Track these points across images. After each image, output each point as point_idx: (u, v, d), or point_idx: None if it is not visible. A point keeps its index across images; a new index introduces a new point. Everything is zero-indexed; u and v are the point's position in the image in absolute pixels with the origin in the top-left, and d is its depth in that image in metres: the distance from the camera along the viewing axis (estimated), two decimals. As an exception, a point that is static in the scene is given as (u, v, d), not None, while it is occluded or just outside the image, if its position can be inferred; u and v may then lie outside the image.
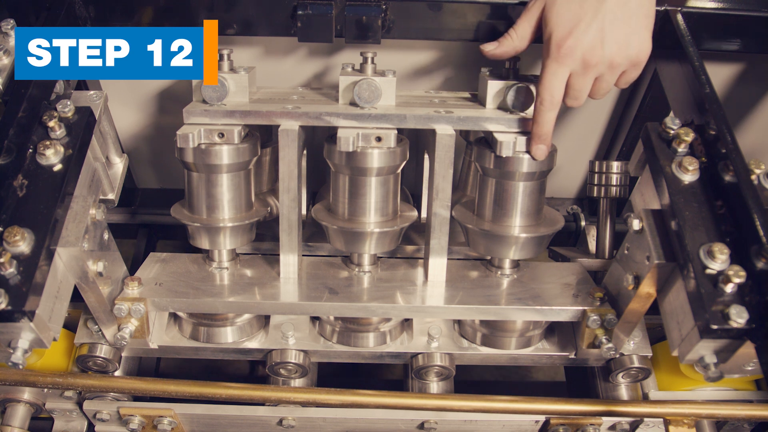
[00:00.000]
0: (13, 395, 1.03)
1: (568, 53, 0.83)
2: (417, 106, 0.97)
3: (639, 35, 0.85)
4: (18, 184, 0.78)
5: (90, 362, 0.99)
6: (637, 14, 0.84)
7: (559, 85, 0.86)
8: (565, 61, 0.84)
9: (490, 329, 1.03)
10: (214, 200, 0.98)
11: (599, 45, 0.83)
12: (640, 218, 0.84)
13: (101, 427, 1.06)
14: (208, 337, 1.03)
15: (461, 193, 1.25)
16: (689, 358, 0.77)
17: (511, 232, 0.98)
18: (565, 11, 0.83)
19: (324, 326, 1.05)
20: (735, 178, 0.79)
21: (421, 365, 1.03)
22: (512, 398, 0.88)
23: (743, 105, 1.26)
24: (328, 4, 1.00)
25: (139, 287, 0.96)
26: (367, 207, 0.97)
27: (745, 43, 1.07)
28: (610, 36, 0.83)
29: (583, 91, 0.87)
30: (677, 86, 0.97)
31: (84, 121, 0.86)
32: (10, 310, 0.71)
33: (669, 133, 0.87)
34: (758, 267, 0.72)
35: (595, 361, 1.04)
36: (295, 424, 1.03)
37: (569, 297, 0.98)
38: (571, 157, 1.39)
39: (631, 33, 0.84)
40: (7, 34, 0.88)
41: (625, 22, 0.83)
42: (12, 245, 0.73)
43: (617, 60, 0.84)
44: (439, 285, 1.01)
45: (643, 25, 0.85)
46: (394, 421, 1.03)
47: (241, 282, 1.01)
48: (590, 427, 1.03)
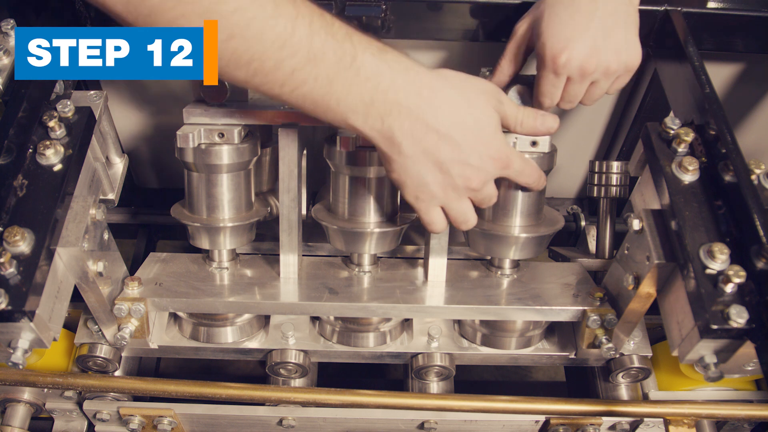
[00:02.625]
0: (13, 395, 1.03)
1: (565, 65, 0.83)
2: (417, 106, 0.97)
3: (630, 41, 0.86)
4: (18, 184, 0.78)
5: (90, 362, 0.99)
6: (626, 21, 0.85)
7: (557, 93, 0.87)
8: (562, 72, 0.84)
9: (490, 329, 1.03)
10: (214, 200, 0.98)
11: (595, 54, 0.83)
12: (640, 218, 0.84)
13: (101, 427, 1.06)
14: (208, 337, 1.03)
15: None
16: (689, 358, 0.77)
17: (512, 232, 0.98)
18: (557, 24, 0.83)
19: (324, 326, 1.05)
20: (735, 178, 0.79)
21: (421, 365, 1.03)
22: (512, 398, 0.88)
23: (743, 105, 1.26)
24: (328, 4, 1.00)
25: (139, 287, 0.96)
26: (367, 207, 0.97)
27: (745, 43, 1.07)
28: (604, 44, 0.83)
29: (578, 96, 0.88)
30: (677, 86, 0.97)
31: (84, 121, 0.86)
32: (10, 310, 0.71)
33: (669, 133, 0.87)
34: (758, 267, 0.72)
35: (595, 361, 1.04)
36: (295, 424, 1.03)
37: (569, 297, 0.98)
38: (571, 157, 1.39)
39: (623, 40, 0.85)
40: (7, 34, 0.89)
41: (617, 29, 0.84)
42: (12, 245, 0.73)
43: (613, 67, 0.85)
44: (439, 285, 1.01)
45: (633, 31, 0.86)
46: (394, 421, 1.03)
47: (241, 282, 1.01)
48: (590, 427, 1.03)
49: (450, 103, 0.75)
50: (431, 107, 0.74)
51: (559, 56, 0.82)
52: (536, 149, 0.93)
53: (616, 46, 0.84)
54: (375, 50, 0.72)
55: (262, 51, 0.67)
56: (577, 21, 0.82)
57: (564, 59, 0.82)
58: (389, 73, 0.72)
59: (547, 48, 0.83)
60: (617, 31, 0.84)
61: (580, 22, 0.82)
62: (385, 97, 0.72)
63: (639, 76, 1.20)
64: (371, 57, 0.71)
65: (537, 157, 0.94)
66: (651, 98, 1.16)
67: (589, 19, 0.82)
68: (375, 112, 0.73)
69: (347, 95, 0.72)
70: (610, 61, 0.84)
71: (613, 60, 0.84)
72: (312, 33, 0.68)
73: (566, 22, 0.82)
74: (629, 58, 0.86)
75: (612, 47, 0.84)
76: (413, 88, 0.73)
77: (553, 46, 0.83)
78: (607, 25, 0.83)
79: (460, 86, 0.77)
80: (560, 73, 0.84)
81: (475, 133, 0.77)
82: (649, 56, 1.12)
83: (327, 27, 0.70)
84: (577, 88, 0.86)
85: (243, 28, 0.66)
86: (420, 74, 0.74)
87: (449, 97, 0.75)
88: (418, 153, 0.76)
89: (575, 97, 0.88)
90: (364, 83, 0.71)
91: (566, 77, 0.85)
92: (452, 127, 0.75)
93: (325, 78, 0.70)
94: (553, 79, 0.85)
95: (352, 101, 0.72)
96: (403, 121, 0.74)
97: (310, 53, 0.68)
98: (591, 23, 0.82)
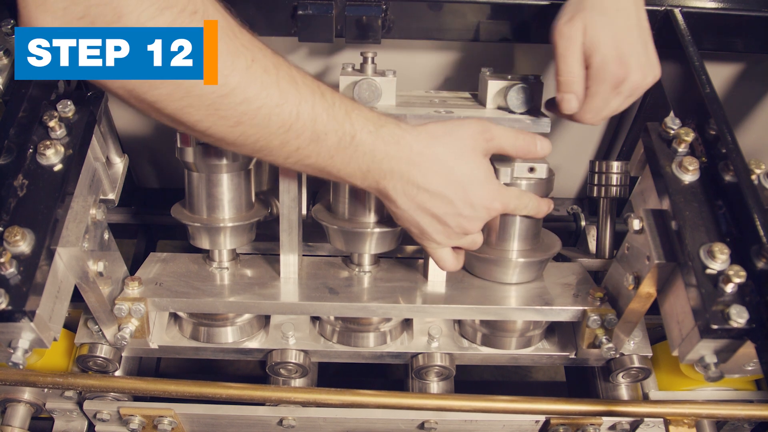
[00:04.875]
0: (14, 395, 1.03)
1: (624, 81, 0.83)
2: (417, 106, 0.97)
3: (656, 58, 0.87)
4: (18, 184, 0.78)
5: (90, 362, 0.99)
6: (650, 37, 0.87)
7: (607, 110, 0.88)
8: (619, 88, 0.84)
9: (491, 329, 1.03)
10: (214, 200, 0.98)
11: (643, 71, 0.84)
12: (640, 218, 0.84)
13: (101, 427, 1.05)
14: (208, 337, 1.03)
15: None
16: (689, 358, 0.77)
17: (510, 257, 0.98)
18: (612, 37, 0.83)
19: (324, 326, 1.05)
20: (735, 178, 0.79)
21: (421, 365, 1.03)
22: (512, 398, 0.88)
23: (743, 105, 1.26)
24: (328, 4, 1.00)
25: (139, 287, 0.96)
26: (367, 207, 0.97)
27: (745, 43, 1.07)
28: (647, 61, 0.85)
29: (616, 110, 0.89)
30: (677, 86, 0.97)
31: (84, 121, 0.86)
32: (11, 310, 0.71)
33: (669, 133, 0.87)
34: (758, 267, 0.72)
35: (595, 361, 1.04)
36: (295, 424, 1.03)
37: (569, 297, 0.98)
38: (571, 157, 1.39)
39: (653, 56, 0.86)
40: (7, 34, 0.89)
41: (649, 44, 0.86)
42: (12, 245, 0.73)
43: (649, 82, 0.87)
44: (439, 285, 1.01)
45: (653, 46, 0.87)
46: (394, 421, 1.03)
47: (242, 282, 1.01)
48: (590, 427, 1.03)
49: (439, 163, 0.80)
50: (420, 171, 0.80)
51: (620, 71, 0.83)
52: (534, 175, 0.93)
53: (652, 61, 0.86)
54: (372, 127, 0.77)
55: (269, 134, 0.72)
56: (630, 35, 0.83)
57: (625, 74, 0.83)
58: (383, 147, 0.78)
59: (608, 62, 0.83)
60: (649, 45, 0.86)
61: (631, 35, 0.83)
62: (379, 167, 0.79)
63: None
64: (368, 135, 0.77)
65: (535, 183, 0.94)
66: (651, 98, 1.16)
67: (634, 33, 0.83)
68: (371, 177, 0.80)
69: (347, 166, 0.78)
70: (649, 76, 0.86)
71: (651, 76, 0.86)
72: (315, 116, 0.73)
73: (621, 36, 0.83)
74: (658, 73, 0.88)
75: (650, 62, 0.85)
76: (404, 155, 0.79)
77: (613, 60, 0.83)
78: (644, 39, 0.85)
79: (448, 143, 0.81)
80: (620, 88, 0.84)
81: (465, 187, 0.82)
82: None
83: (328, 109, 0.74)
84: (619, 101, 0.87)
85: (251, 117, 0.70)
86: (410, 143, 0.79)
87: (438, 158, 0.80)
88: (413, 207, 0.83)
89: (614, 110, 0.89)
90: (362, 157, 0.78)
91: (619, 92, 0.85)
92: (442, 186, 0.81)
93: (327, 154, 0.76)
94: (611, 95, 0.85)
95: (351, 170, 0.79)
96: (396, 183, 0.80)
97: (313, 134, 0.74)
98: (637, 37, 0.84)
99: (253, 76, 0.68)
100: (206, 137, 0.74)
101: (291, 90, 0.71)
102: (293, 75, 0.72)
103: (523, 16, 1.03)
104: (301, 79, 0.73)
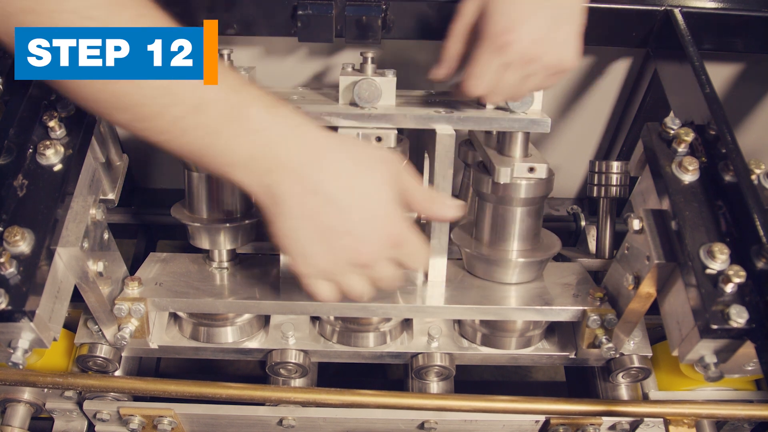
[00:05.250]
0: (13, 395, 1.03)
1: (510, 44, 0.79)
2: (417, 106, 0.97)
3: (573, 40, 0.83)
4: (18, 184, 0.78)
5: (90, 362, 0.99)
6: (572, 19, 0.83)
7: (490, 77, 0.82)
8: (505, 52, 0.80)
9: (490, 329, 1.03)
10: (214, 200, 0.98)
11: (539, 43, 0.80)
12: (640, 218, 0.84)
13: (101, 427, 1.05)
14: (208, 337, 1.03)
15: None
16: (689, 358, 0.77)
17: (509, 257, 0.98)
18: (508, 4, 0.80)
19: (324, 326, 1.05)
20: (735, 178, 0.79)
21: (421, 365, 1.03)
22: (512, 398, 0.88)
23: (743, 105, 1.26)
24: (328, 4, 1.00)
25: (139, 287, 0.96)
26: (367, 207, 0.97)
27: (746, 43, 1.07)
28: (549, 36, 0.81)
29: (511, 87, 0.84)
30: (677, 86, 0.97)
31: (84, 121, 0.86)
32: (11, 310, 0.71)
33: (669, 133, 0.87)
34: (758, 267, 0.72)
35: (595, 361, 1.04)
36: (295, 424, 1.03)
37: (569, 297, 0.98)
38: (571, 157, 1.39)
39: (567, 36, 0.82)
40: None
41: (564, 24, 0.82)
42: (12, 245, 0.73)
43: (553, 61, 0.82)
44: (439, 285, 1.01)
45: (576, 31, 0.84)
46: (394, 421, 1.03)
47: (242, 282, 1.01)
48: (590, 427, 1.03)
49: (340, 166, 0.68)
50: (318, 167, 0.67)
51: (505, 34, 0.79)
52: (534, 175, 0.93)
53: (563, 41, 0.82)
54: (265, 104, 0.67)
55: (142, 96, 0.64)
56: (530, 5, 0.80)
57: (510, 38, 0.79)
58: (276, 127, 0.67)
59: (494, 24, 0.80)
60: (563, 26, 0.82)
61: (532, 7, 0.80)
62: (271, 152, 0.66)
63: (639, 76, 1.20)
64: (259, 110, 0.66)
65: (535, 183, 0.94)
66: (651, 98, 1.16)
67: (540, 6, 0.80)
68: (258, 166, 0.67)
69: (232, 147, 0.66)
70: (552, 54, 0.82)
71: (554, 54, 0.82)
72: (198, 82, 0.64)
73: (518, 3, 0.80)
74: (569, 57, 0.83)
75: (556, 41, 0.81)
76: (301, 142, 0.67)
77: (501, 24, 0.79)
78: (556, 17, 0.81)
79: (355, 153, 0.70)
80: (501, 55, 0.80)
81: (364, 202, 0.69)
82: (649, 56, 1.12)
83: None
84: (513, 76, 0.83)
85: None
86: (312, 132, 0.68)
87: (340, 160, 0.69)
88: (301, 215, 0.68)
89: (509, 87, 0.84)
90: (252, 135, 0.66)
91: (505, 62, 0.81)
92: (339, 191, 0.68)
93: (212, 128, 0.65)
94: (492, 58, 0.81)
95: (234, 156, 0.66)
96: (285, 178, 0.67)
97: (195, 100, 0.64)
98: (541, 11, 0.80)
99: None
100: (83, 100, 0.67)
101: None
102: None
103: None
104: None
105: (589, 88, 1.25)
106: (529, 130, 0.94)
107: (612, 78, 1.23)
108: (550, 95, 1.25)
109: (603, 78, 1.23)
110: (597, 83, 1.24)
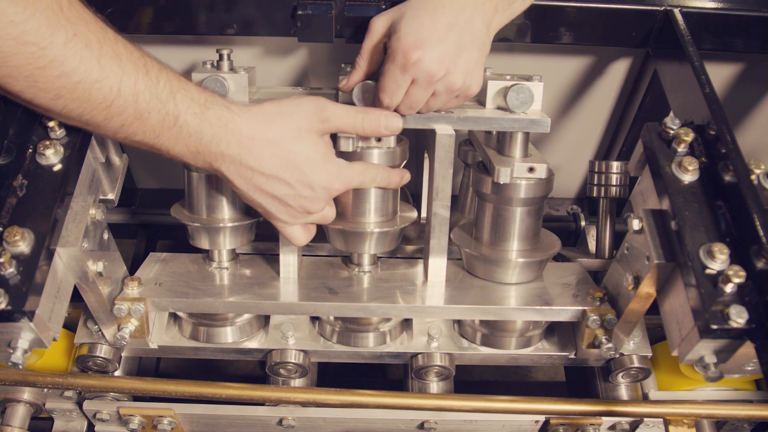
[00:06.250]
0: (13, 395, 1.03)
1: (415, 63, 0.81)
2: (417, 106, 0.97)
3: (478, 68, 0.86)
4: (18, 184, 0.78)
5: (90, 362, 0.99)
6: (480, 47, 0.85)
7: (398, 92, 0.85)
8: (409, 70, 0.82)
9: (490, 329, 1.03)
10: (214, 200, 0.98)
11: (444, 64, 0.82)
12: (640, 218, 0.84)
13: (101, 427, 1.05)
14: (208, 337, 1.03)
15: (459, 214, 1.26)
16: (689, 358, 0.77)
17: (509, 257, 0.98)
18: (417, 24, 0.82)
19: (324, 326, 1.05)
20: (735, 178, 0.79)
21: (421, 365, 1.03)
22: (512, 398, 0.88)
23: (743, 105, 1.26)
24: (328, 4, 1.00)
25: (139, 287, 0.96)
26: (366, 207, 0.97)
27: (745, 43, 1.07)
28: (455, 59, 0.83)
29: (419, 103, 0.87)
30: (677, 86, 0.97)
31: (84, 121, 0.86)
32: (10, 310, 0.71)
33: (669, 133, 0.87)
34: (758, 267, 0.72)
35: (595, 361, 1.04)
36: (295, 424, 1.03)
37: (569, 297, 0.98)
38: (571, 157, 1.39)
39: (473, 63, 0.84)
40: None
41: (471, 50, 0.84)
42: (12, 245, 0.73)
43: (457, 84, 0.84)
44: (439, 285, 1.01)
45: (482, 60, 0.86)
46: (394, 421, 1.03)
47: (241, 282, 1.01)
48: (590, 427, 1.03)
49: (272, 145, 0.80)
50: (253, 155, 0.80)
51: (411, 53, 0.81)
52: (533, 175, 0.93)
53: (466, 65, 0.84)
54: (197, 109, 0.77)
55: (91, 109, 0.73)
56: (437, 28, 0.81)
57: (415, 57, 0.81)
58: (210, 129, 0.78)
59: (401, 42, 0.82)
60: (470, 52, 0.84)
61: (440, 30, 0.81)
62: (209, 149, 0.79)
63: (639, 76, 1.20)
64: (192, 117, 0.76)
65: (534, 182, 0.94)
66: (651, 98, 1.16)
67: (449, 30, 0.82)
68: (202, 158, 0.80)
69: (175, 146, 0.79)
70: (456, 77, 0.84)
71: (459, 78, 0.84)
72: (137, 94, 0.73)
73: (426, 25, 0.81)
74: (473, 83, 0.86)
75: (462, 65, 0.83)
76: (233, 139, 0.79)
77: (407, 42, 0.81)
78: (463, 43, 0.83)
79: (282, 123, 0.81)
80: (408, 71, 0.82)
81: (302, 168, 0.82)
82: (648, 56, 1.12)
83: (151, 87, 0.74)
84: (419, 93, 0.85)
85: (70, 91, 0.70)
86: (240, 127, 0.79)
87: (271, 140, 0.80)
88: (252, 189, 0.83)
89: (416, 102, 0.87)
90: (188, 138, 0.78)
91: (411, 78, 0.83)
92: (278, 169, 0.81)
93: (152, 132, 0.76)
94: (398, 75, 0.83)
95: (179, 150, 0.79)
96: (229, 166, 0.81)
97: (136, 112, 0.74)
98: (449, 34, 0.82)
99: (72, 51, 0.68)
100: (35, 107, 0.74)
101: (113, 66, 0.71)
102: (118, 51, 0.72)
103: (523, 16, 1.03)
104: (126, 55, 0.73)
105: (589, 88, 1.25)
106: (529, 130, 0.94)
107: (612, 78, 1.23)
108: (550, 95, 1.25)
109: (603, 78, 1.23)
110: (597, 83, 1.24)
